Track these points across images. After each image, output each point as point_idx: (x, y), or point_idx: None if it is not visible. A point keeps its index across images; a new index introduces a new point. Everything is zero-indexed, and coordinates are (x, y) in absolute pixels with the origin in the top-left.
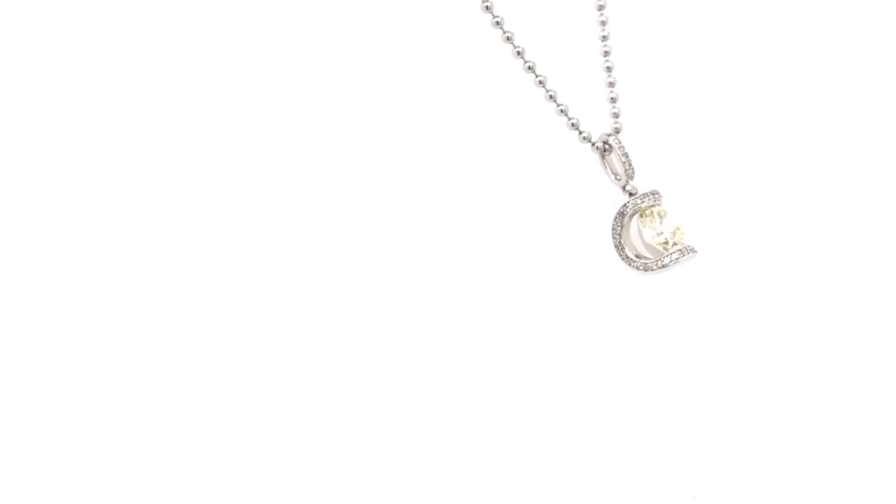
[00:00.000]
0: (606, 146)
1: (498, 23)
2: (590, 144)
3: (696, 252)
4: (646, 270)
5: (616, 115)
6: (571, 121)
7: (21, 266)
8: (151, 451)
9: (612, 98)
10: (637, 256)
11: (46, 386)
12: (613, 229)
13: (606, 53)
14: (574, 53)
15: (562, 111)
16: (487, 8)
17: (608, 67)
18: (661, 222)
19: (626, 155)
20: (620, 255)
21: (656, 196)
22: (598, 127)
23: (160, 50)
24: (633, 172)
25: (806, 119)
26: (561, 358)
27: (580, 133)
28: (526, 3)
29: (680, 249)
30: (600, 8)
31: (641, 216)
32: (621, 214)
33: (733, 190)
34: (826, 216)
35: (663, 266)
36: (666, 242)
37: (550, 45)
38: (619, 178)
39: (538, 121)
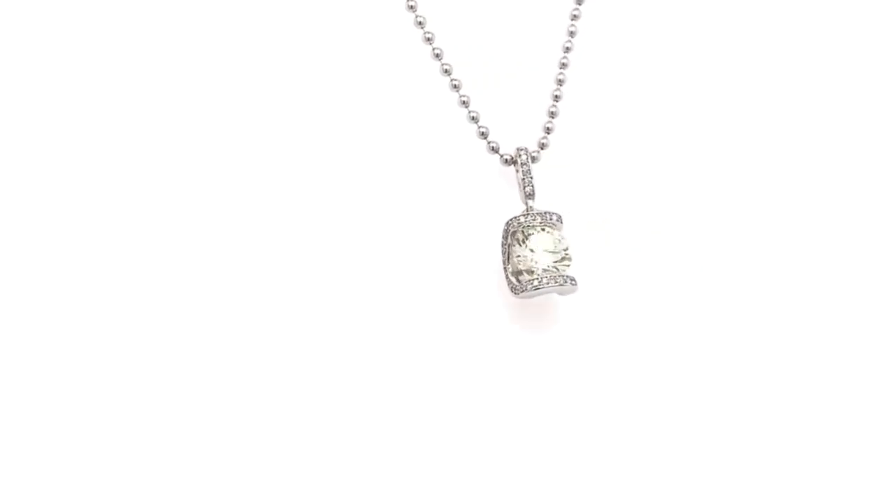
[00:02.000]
0: (513, 160)
1: (420, 23)
2: (498, 156)
3: (574, 284)
4: (514, 293)
5: (548, 130)
6: (481, 129)
7: (20, 266)
8: (151, 451)
9: (551, 112)
10: (514, 275)
11: (46, 386)
12: (502, 245)
13: (564, 66)
14: (536, 63)
15: (473, 118)
16: (411, 7)
17: (560, 80)
18: (539, 246)
19: (527, 172)
20: (505, 274)
21: (546, 217)
22: (531, 141)
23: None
24: (533, 191)
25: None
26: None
27: (489, 143)
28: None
29: (553, 277)
30: (573, 18)
31: (520, 237)
32: (506, 232)
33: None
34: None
35: (524, 291)
36: (539, 268)
37: (516, 49)
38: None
39: (461, 129)
